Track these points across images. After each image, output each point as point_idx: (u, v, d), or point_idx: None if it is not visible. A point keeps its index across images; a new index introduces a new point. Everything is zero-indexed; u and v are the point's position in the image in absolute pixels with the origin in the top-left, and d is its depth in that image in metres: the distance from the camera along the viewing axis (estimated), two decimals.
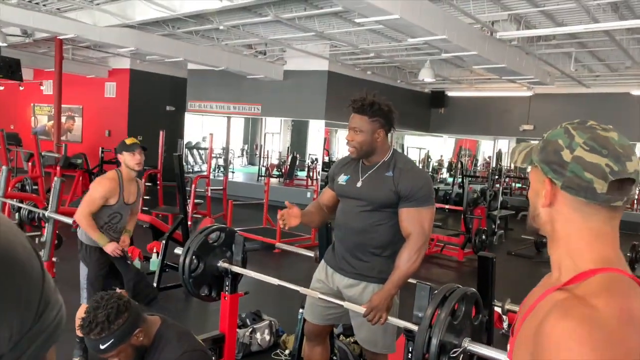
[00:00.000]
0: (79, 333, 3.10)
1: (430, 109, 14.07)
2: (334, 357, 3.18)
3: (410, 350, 1.93)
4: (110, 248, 3.06)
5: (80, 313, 3.07)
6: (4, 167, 4.89)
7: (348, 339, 3.31)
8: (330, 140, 15.51)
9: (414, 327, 1.86)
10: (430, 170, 14.86)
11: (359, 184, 2.29)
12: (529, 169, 0.94)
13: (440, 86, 13.24)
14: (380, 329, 2.24)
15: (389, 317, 2.11)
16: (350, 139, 2.25)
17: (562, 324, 0.75)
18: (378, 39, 8.56)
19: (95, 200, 3.07)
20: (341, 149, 15.90)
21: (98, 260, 3.14)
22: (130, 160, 3.13)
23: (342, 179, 2.36)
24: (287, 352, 3.52)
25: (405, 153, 13.98)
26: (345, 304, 2.22)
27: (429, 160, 15.41)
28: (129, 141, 3.20)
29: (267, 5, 6.87)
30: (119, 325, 1.72)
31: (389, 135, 2.32)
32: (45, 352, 0.37)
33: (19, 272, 0.34)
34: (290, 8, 7.07)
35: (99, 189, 3.09)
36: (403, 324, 1.99)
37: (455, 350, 1.74)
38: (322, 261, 2.48)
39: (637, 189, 0.87)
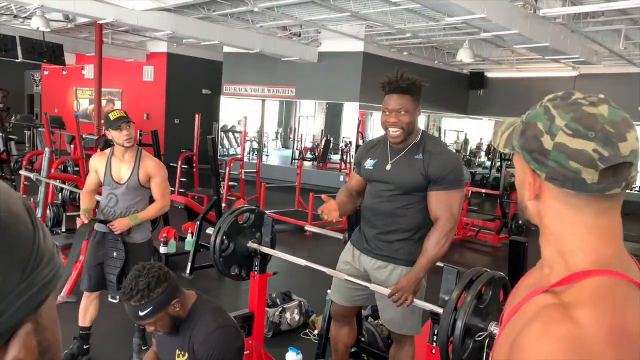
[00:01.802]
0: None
1: (469, 91, 13.70)
2: (362, 339, 3.19)
3: (435, 333, 1.90)
4: (82, 215, 2.91)
5: (82, 302, 3.02)
6: (47, 149, 5.07)
7: (376, 321, 3.30)
8: (365, 123, 15.36)
9: (440, 310, 1.83)
10: (468, 153, 14.54)
11: (388, 167, 2.25)
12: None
13: (480, 67, 12.85)
14: (407, 310, 2.22)
15: (415, 300, 2.09)
16: (396, 120, 2.16)
17: (539, 343, 0.66)
18: (415, 19, 8.36)
19: (89, 175, 3.07)
20: (376, 132, 15.74)
21: (93, 246, 2.99)
22: (118, 137, 2.88)
23: (369, 163, 2.32)
24: (316, 332, 3.55)
25: (442, 136, 13.76)
26: (372, 286, 2.20)
27: (467, 143, 15.06)
28: (113, 116, 2.90)
29: None
30: (158, 294, 1.78)
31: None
32: (36, 309, 0.38)
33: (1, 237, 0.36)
34: None
35: (91, 162, 3.07)
36: (429, 306, 1.96)
37: (481, 334, 1.71)
38: (349, 243, 2.47)
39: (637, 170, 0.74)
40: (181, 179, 7.98)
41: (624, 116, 0.72)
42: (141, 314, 1.78)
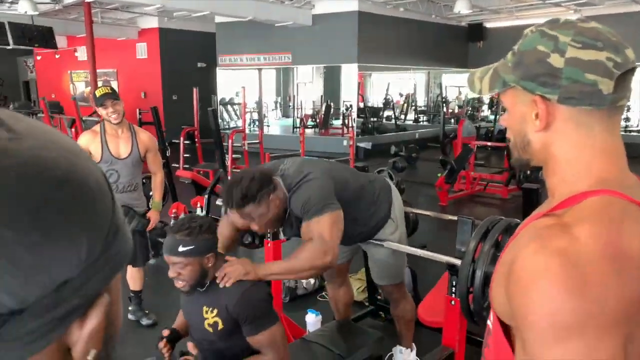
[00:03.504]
0: (133, 288, 3.31)
1: (469, 44, 13.42)
2: (378, 297, 3.21)
3: (454, 284, 1.90)
4: None
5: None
6: None
7: None
8: (365, 85, 15.16)
9: (457, 262, 1.82)
10: (470, 108, 14.38)
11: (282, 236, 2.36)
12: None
13: (478, 18, 12.55)
14: (387, 263, 2.40)
15: (405, 247, 2.24)
16: (259, 228, 2.06)
17: (535, 258, 0.65)
18: None
19: None
20: (376, 93, 15.56)
21: None
22: (106, 114, 2.93)
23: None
24: None
25: (444, 92, 13.56)
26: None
27: (470, 99, 14.84)
28: (98, 93, 2.94)
29: None
30: (204, 238, 1.78)
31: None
32: (110, 280, 0.38)
33: (89, 199, 0.36)
34: None
35: (80, 141, 3.02)
36: (445, 259, 1.95)
37: None
38: None
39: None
40: (185, 155, 7.96)
41: (612, 30, 0.73)
42: (180, 249, 1.76)
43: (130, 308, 3.36)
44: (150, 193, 4.77)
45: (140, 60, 13.20)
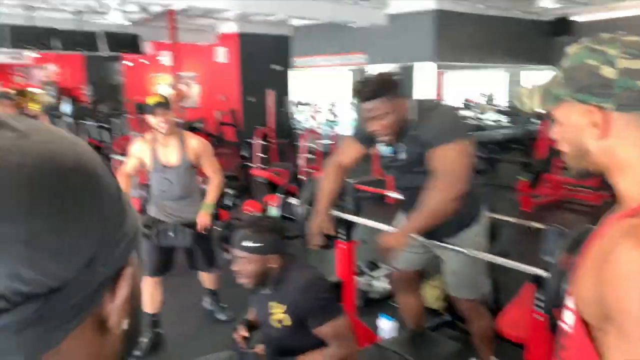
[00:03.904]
0: (206, 286, 3.40)
1: (554, 39, 12.62)
2: None
3: (538, 298, 1.77)
4: None
5: (144, 288, 3.03)
6: (134, 133, 5.36)
7: None
8: (441, 84, 14.73)
9: (544, 274, 1.69)
10: None
11: (403, 156, 2.15)
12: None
13: (565, 11, 11.78)
14: (464, 275, 2.26)
15: (485, 254, 2.10)
16: (378, 127, 2.05)
17: (634, 253, 0.67)
18: None
19: (129, 159, 3.05)
20: (453, 93, 15.08)
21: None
22: (155, 123, 2.89)
23: (384, 150, 2.24)
24: None
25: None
26: (440, 247, 2.23)
27: None
28: (150, 101, 2.91)
29: None
30: (270, 238, 1.82)
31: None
32: (129, 254, 0.42)
33: (99, 183, 0.39)
34: None
35: (131, 147, 3.06)
36: (531, 270, 1.83)
37: None
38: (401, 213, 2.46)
39: None
40: (260, 154, 8.17)
41: None
42: (244, 243, 1.79)
43: (206, 299, 3.47)
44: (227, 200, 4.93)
45: (220, 64, 13.71)
